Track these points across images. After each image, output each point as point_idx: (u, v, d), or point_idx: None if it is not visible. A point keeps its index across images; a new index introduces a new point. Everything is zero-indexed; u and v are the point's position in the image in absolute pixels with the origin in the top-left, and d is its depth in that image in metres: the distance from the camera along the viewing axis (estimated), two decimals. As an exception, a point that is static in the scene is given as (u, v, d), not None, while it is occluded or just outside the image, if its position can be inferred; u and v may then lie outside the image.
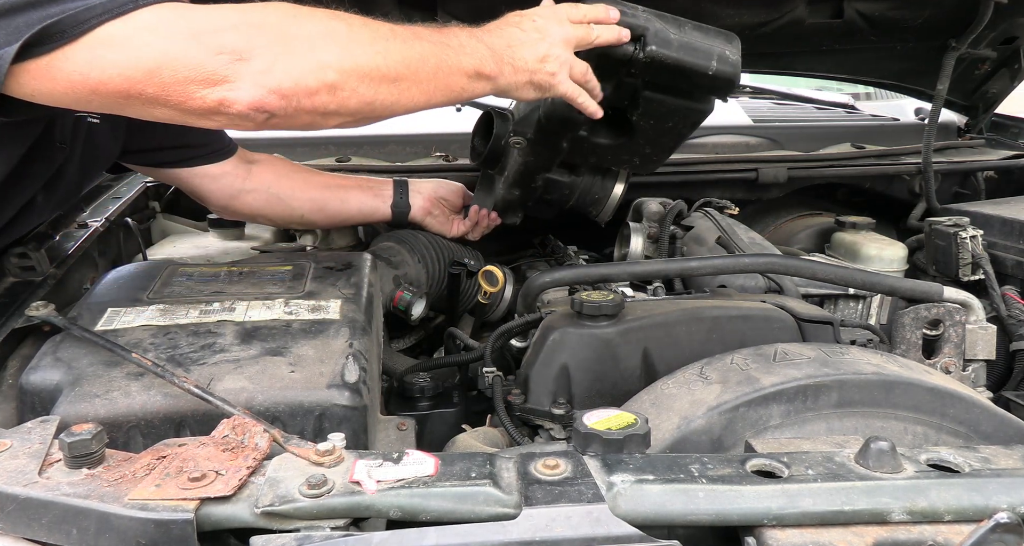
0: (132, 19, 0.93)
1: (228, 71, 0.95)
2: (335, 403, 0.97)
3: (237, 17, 0.99)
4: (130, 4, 0.93)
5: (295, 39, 1.00)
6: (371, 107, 1.07)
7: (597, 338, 1.20)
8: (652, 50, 1.31)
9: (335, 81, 1.02)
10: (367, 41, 1.06)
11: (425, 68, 1.10)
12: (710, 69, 1.35)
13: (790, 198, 2.24)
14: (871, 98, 3.13)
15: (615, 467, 0.76)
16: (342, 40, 1.04)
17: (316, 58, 1.01)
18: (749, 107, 2.67)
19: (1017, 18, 2.13)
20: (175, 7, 0.97)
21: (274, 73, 0.97)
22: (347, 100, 1.04)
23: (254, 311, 1.15)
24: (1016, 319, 1.63)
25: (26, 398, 0.98)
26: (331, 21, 1.05)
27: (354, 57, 1.04)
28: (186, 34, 0.95)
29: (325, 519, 0.71)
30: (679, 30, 1.35)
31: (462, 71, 1.14)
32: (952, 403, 1.01)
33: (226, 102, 0.96)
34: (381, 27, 1.09)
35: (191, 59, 0.94)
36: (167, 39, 0.94)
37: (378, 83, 1.05)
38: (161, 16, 0.95)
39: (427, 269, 1.68)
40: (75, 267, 1.46)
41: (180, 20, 0.96)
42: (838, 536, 0.71)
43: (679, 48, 1.33)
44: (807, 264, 1.38)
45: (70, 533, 0.72)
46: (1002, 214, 1.82)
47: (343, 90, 1.03)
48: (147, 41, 0.94)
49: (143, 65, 0.93)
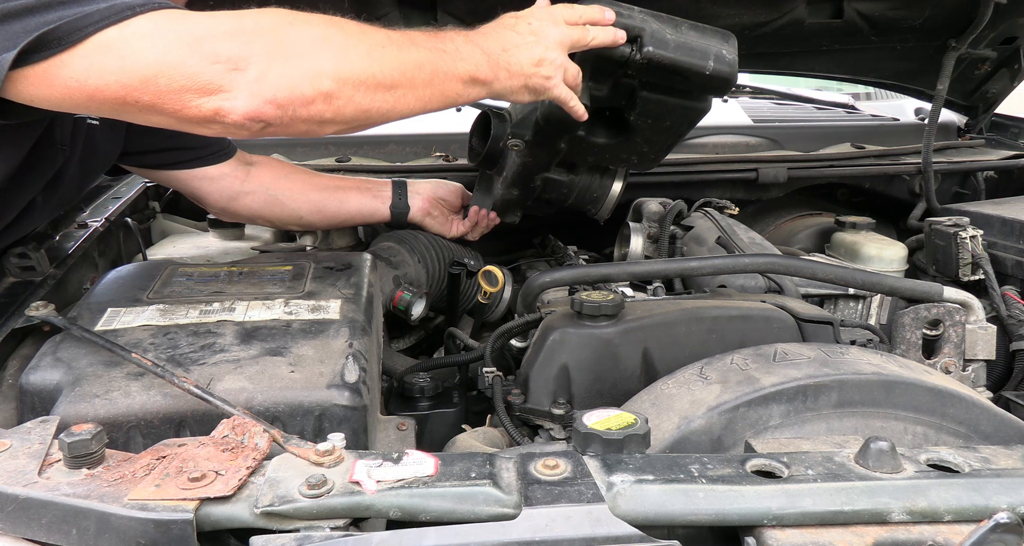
0: (129, 26, 0.93)
1: (224, 80, 0.95)
2: (335, 403, 0.97)
3: (233, 23, 0.98)
4: (127, 11, 0.93)
5: (291, 46, 0.99)
6: (367, 115, 1.07)
7: (597, 338, 1.20)
8: (649, 51, 1.31)
9: (331, 90, 1.01)
10: (363, 48, 1.05)
11: (421, 75, 1.10)
12: (707, 69, 1.35)
13: (790, 198, 2.24)
14: (871, 98, 3.13)
15: (615, 467, 0.76)
16: (338, 47, 1.03)
17: (312, 66, 1.00)
18: (749, 107, 2.68)
19: (1017, 18, 2.13)
20: (171, 14, 0.97)
21: (270, 82, 0.97)
22: (343, 108, 1.03)
23: (254, 311, 1.15)
24: (1016, 319, 1.63)
25: (26, 398, 0.98)
26: (327, 28, 1.04)
27: (350, 65, 1.03)
28: (182, 42, 0.95)
29: (325, 519, 0.71)
30: (675, 30, 1.34)
31: (457, 77, 1.14)
32: (952, 403, 1.01)
33: (222, 112, 0.96)
34: (377, 33, 1.08)
35: (187, 68, 0.94)
36: (163, 47, 0.94)
37: (374, 91, 1.05)
38: (158, 23, 0.95)
39: (427, 269, 1.68)
40: (75, 267, 1.46)
41: (176, 27, 0.96)
42: (838, 536, 0.71)
43: (676, 48, 1.33)
44: (807, 264, 1.38)
45: (70, 533, 0.72)
46: (1002, 214, 1.82)
47: (339, 98, 1.02)
48: (143, 49, 0.93)
49: (139, 73, 0.93)
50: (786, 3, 2.03)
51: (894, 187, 2.27)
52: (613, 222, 1.87)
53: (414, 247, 1.69)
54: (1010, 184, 2.29)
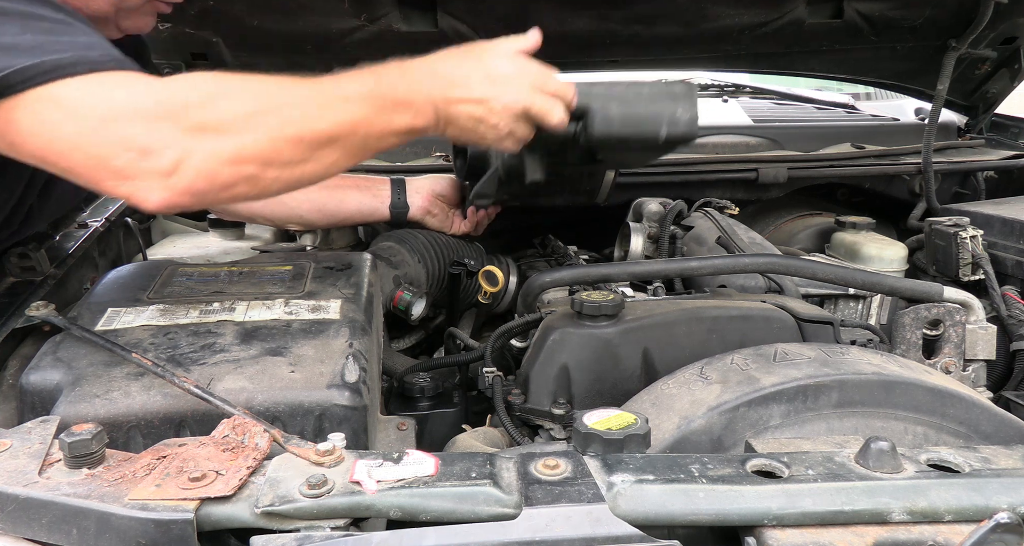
0: (53, 91, 0.91)
1: (135, 170, 0.92)
2: (335, 403, 0.97)
3: (154, 99, 0.94)
4: (54, 73, 0.91)
5: (212, 125, 0.95)
6: (298, 184, 1.04)
7: (597, 338, 1.20)
8: (593, 132, 1.24)
9: (254, 173, 0.97)
10: (294, 123, 0.99)
11: (354, 140, 1.04)
12: (659, 137, 1.26)
13: (790, 198, 2.24)
14: (871, 98, 3.13)
15: (615, 467, 0.76)
16: (265, 125, 0.97)
17: (233, 150, 0.95)
18: (749, 107, 2.68)
19: (1017, 18, 2.13)
20: (94, 81, 0.93)
21: (185, 173, 0.93)
22: (269, 187, 1.00)
23: (254, 311, 1.15)
24: (1016, 319, 1.63)
25: (26, 398, 0.98)
26: (256, 100, 0.98)
27: (277, 145, 0.98)
28: (98, 121, 0.92)
29: (325, 519, 0.71)
30: (623, 103, 1.25)
31: (392, 132, 1.08)
32: (952, 403, 1.01)
33: (134, 198, 0.94)
34: (310, 98, 1.01)
35: (99, 151, 0.91)
36: (79, 123, 0.92)
37: (303, 164, 1.01)
38: (80, 92, 0.92)
39: (427, 269, 1.68)
40: (75, 267, 1.46)
41: (95, 101, 0.93)
42: (838, 536, 0.71)
43: (623, 123, 1.25)
44: (807, 264, 1.38)
45: (70, 533, 0.72)
46: (1002, 214, 1.82)
47: (264, 179, 0.98)
48: (60, 121, 0.91)
49: (54, 144, 0.92)
50: (786, 3, 2.03)
51: (894, 187, 2.26)
52: (613, 222, 1.87)
53: (414, 247, 1.69)
54: (1010, 184, 2.28)
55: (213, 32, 1.97)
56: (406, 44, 1.97)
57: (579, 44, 2.09)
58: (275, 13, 1.92)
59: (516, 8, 1.96)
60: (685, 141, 1.30)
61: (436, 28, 1.98)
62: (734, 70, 2.53)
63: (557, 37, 2.04)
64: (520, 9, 1.96)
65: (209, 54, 2.02)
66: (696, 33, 2.09)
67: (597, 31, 2.05)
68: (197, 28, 1.94)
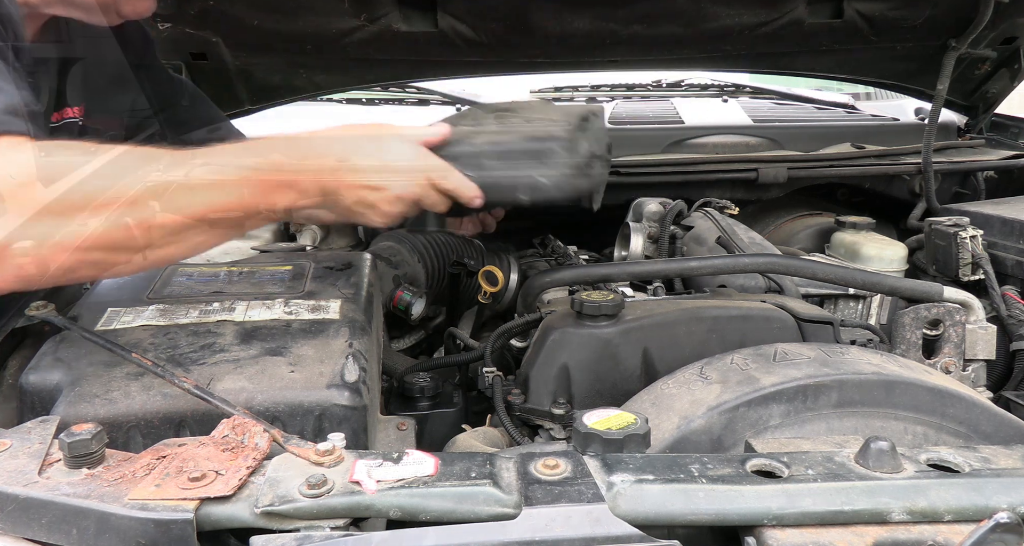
0: None
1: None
2: (335, 403, 0.97)
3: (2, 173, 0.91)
4: None
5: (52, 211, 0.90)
6: (161, 264, 1.02)
7: (597, 338, 1.20)
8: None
9: (98, 259, 0.95)
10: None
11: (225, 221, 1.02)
12: (523, 202, 1.17)
13: (790, 198, 2.24)
14: (871, 98, 3.13)
15: (615, 467, 0.76)
16: None
17: (71, 235, 0.91)
18: (749, 107, 2.67)
19: (1017, 18, 2.13)
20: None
21: (11, 258, 0.90)
22: (121, 271, 0.99)
23: (254, 311, 1.15)
24: (1016, 319, 1.63)
25: (26, 398, 0.98)
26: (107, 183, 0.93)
27: (124, 230, 0.94)
28: None
29: (325, 519, 0.71)
30: (479, 166, 1.14)
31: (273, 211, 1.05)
32: (952, 403, 1.01)
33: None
34: (178, 187, 0.97)
35: None
36: None
37: (162, 247, 0.99)
38: None
39: (427, 269, 1.68)
40: (75, 267, 1.46)
41: None
42: (838, 536, 0.71)
43: (483, 188, 1.14)
44: (807, 264, 1.38)
45: (70, 533, 0.72)
46: (1002, 214, 1.81)
47: (112, 262, 0.97)
48: None
49: None
50: (786, 3, 2.03)
51: (894, 187, 2.26)
52: (613, 222, 1.87)
53: (414, 246, 1.69)
54: (1010, 184, 2.28)
55: (213, 32, 1.97)
56: (406, 44, 1.98)
57: (579, 44, 2.09)
58: (275, 13, 1.92)
59: (516, 8, 1.96)
60: (558, 199, 1.18)
61: (436, 28, 1.98)
62: (734, 70, 2.53)
63: (557, 37, 2.05)
64: (520, 9, 1.96)
65: (209, 54, 2.02)
66: (696, 33, 2.09)
67: (597, 31, 2.05)
68: (197, 28, 1.94)
